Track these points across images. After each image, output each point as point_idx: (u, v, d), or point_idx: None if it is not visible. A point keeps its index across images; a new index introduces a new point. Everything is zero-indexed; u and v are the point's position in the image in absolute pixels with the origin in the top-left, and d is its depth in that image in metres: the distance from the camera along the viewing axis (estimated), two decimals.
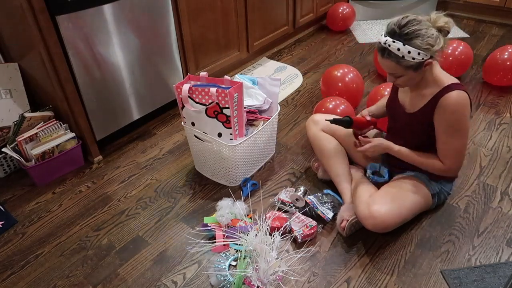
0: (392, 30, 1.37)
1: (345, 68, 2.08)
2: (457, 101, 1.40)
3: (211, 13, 2.49)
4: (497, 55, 2.54)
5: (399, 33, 1.35)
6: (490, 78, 2.60)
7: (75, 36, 1.82)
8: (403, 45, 1.34)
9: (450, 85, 1.43)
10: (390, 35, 1.37)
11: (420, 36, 1.33)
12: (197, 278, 1.51)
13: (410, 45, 1.34)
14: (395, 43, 1.35)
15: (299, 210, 1.72)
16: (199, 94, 1.71)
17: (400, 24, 1.35)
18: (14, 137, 1.95)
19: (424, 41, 1.34)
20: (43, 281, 1.54)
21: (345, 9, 3.49)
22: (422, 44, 1.34)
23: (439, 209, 1.74)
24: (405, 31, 1.34)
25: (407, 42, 1.34)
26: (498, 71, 2.52)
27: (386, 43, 1.37)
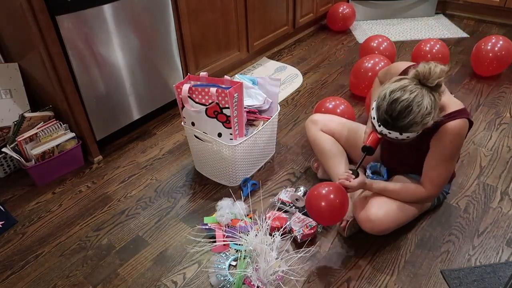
0: (385, 121, 1.32)
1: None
2: (458, 130, 1.38)
3: (211, 13, 2.49)
4: (481, 46, 2.63)
5: (392, 125, 1.31)
6: (479, 69, 2.68)
7: (75, 36, 1.82)
8: (400, 134, 1.32)
9: (454, 112, 1.39)
10: (384, 126, 1.33)
11: (415, 123, 1.28)
12: (197, 278, 1.51)
13: (407, 132, 1.31)
14: (392, 134, 1.33)
15: (299, 210, 1.72)
16: (199, 94, 1.71)
17: (391, 115, 1.29)
18: (14, 137, 1.95)
19: (420, 124, 1.29)
20: (43, 281, 1.54)
21: (345, 9, 3.49)
22: (419, 126, 1.29)
23: (439, 209, 1.74)
24: (399, 124, 1.29)
25: (404, 131, 1.31)
26: (484, 60, 2.62)
27: (383, 132, 1.35)
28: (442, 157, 1.44)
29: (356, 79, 2.51)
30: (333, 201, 1.43)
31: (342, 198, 1.45)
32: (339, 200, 1.44)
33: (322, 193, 1.45)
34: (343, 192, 1.46)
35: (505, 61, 2.61)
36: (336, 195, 1.44)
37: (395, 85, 1.32)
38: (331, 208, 1.44)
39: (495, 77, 2.71)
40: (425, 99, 1.27)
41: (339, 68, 2.97)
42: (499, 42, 2.59)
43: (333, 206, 1.43)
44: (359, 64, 2.50)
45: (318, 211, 1.46)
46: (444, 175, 1.48)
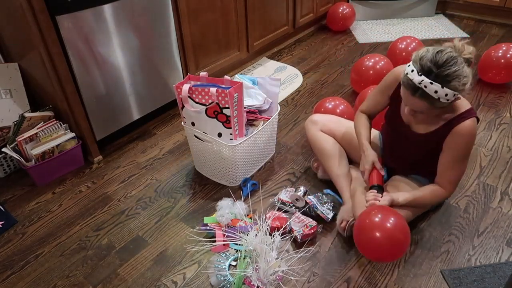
0: (429, 69, 1.26)
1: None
2: (471, 131, 1.39)
3: (211, 13, 2.49)
4: (491, 53, 2.57)
5: (436, 74, 1.25)
6: (485, 75, 2.63)
7: (75, 36, 1.82)
8: (441, 88, 1.26)
9: (464, 112, 1.40)
10: (426, 75, 1.27)
11: (459, 77, 1.26)
12: (197, 278, 1.51)
13: (448, 87, 1.26)
14: (433, 85, 1.26)
15: (299, 210, 1.72)
16: (199, 94, 1.71)
17: (437, 62, 1.26)
18: (14, 137, 1.95)
19: (461, 82, 1.27)
20: (43, 281, 1.54)
21: (345, 9, 3.49)
22: (459, 85, 1.27)
23: (439, 209, 1.74)
24: (444, 72, 1.25)
25: (446, 84, 1.26)
26: (492, 68, 2.56)
27: (422, 83, 1.27)
28: (458, 157, 1.45)
29: (358, 76, 2.53)
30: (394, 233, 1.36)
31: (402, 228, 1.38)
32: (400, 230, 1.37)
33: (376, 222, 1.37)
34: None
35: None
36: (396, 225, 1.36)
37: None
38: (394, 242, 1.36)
39: None
40: (465, 66, 1.28)
41: (339, 68, 2.97)
42: (510, 50, 2.51)
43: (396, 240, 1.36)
44: (360, 62, 2.52)
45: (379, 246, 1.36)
46: (461, 173, 1.51)
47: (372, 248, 1.39)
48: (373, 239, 1.36)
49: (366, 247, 1.41)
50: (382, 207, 1.44)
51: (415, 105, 1.35)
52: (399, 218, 1.39)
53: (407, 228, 1.40)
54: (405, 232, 1.38)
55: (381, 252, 1.38)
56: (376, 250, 1.38)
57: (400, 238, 1.36)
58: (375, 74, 2.41)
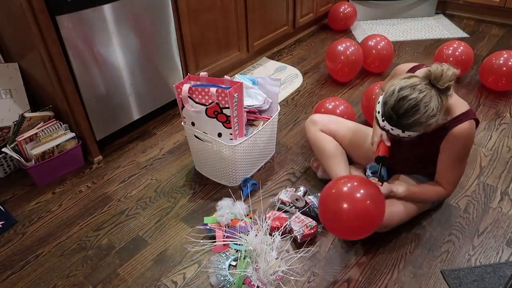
0: (389, 116, 1.31)
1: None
2: (468, 133, 1.40)
3: (211, 13, 2.49)
4: (492, 60, 2.50)
5: (396, 122, 1.30)
6: (486, 81, 2.58)
7: (75, 36, 1.82)
8: (402, 132, 1.32)
9: (461, 115, 1.40)
10: (388, 121, 1.32)
11: (420, 123, 1.28)
12: (197, 278, 1.51)
13: (410, 131, 1.31)
14: (394, 130, 1.33)
15: (299, 210, 1.71)
16: (199, 94, 1.71)
17: (398, 112, 1.28)
18: (14, 137, 1.95)
19: (424, 125, 1.29)
20: (43, 281, 1.54)
21: (346, 8, 3.50)
22: (422, 128, 1.30)
23: (439, 209, 1.74)
24: (404, 122, 1.28)
25: (406, 129, 1.30)
26: (492, 74, 2.51)
27: (385, 128, 1.35)
28: (455, 159, 1.46)
29: (333, 63, 2.67)
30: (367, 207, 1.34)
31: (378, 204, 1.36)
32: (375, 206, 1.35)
33: (355, 196, 1.35)
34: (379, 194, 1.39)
35: None
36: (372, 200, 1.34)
37: (405, 82, 1.30)
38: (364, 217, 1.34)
39: None
40: (432, 100, 1.26)
41: None
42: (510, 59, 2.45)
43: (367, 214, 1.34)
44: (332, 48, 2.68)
45: (345, 220, 1.34)
46: (460, 174, 1.53)
47: (336, 220, 1.35)
48: (338, 210, 1.33)
49: (330, 219, 1.36)
50: (353, 176, 1.45)
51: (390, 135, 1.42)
52: (370, 187, 1.35)
53: (380, 198, 1.37)
54: (376, 202, 1.34)
55: (347, 226, 1.33)
56: (340, 222, 1.33)
57: (369, 209, 1.32)
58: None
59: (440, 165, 1.51)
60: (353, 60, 2.64)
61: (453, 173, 1.51)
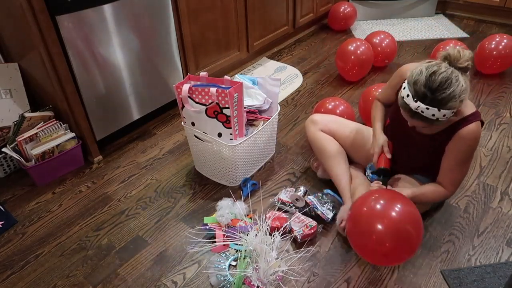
0: (423, 95, 1.27)
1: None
2: (475, 135, 1.39)
3: (211, 13, 2.49)
4: (485, 44, 2.66)
5: (431, 99, 1.26)
6: (483, 67, 2.71)
7: (75, 36, 1.82)
8: (438, 111, 1.27)
9: (469, 116, 1.40)
10: (421, 101, 1.28)
11: (455, 97, 1.25)
12: (197, 278, 1.51)
13: (445, 108, 1.27)
14: (429, 110, 1.27)
15: (299, 210, 1.72)
16: (199, 94, 1.71)
17: (431, 87, 1.25)
18: (14, 137, 1.95)
19: (458, 100, 1.27)
20: (43, 281, 1.54)
21: (346, 8, 3.50)
22: (456, 104, 1.27)
23: (439, 209, 1.74)
24: (439, 96, 1.25)
25: (442, 107, 1.26)
26: (488, 59, 2.65)
27: (419, 109, 1.29)
28: (460, 160, 1.45)
29: (343, 63, 2.70)
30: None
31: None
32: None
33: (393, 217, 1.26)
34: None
35: (509, 60, 2.65)
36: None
37: (428, 63, 1.31)
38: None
39: (495, 77, 2.72)
40: (460, 75, 1.27)
41: None
42: (503, 41, 2.62)
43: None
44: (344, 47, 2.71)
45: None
46: (463, 175, 1.51)
47: (372, 247, 1.24)
48: (373, 233, 1.23)
49: (364, 245, 1.25)
50: (385, 190, 1.42)
51: (415, 123, 1.39)
52: (408, 205, 1.27)
53: (418, 217, 1.29)
54: (416, 223, 1.24)
55: (384, 252, 1.20)
56: (377, 249, 1.21)
57: (409, 231, 1.22)
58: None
59: (444, 166, 1.50)
60: (364, 59, 2.67)
61: (456, 174, 1.50)
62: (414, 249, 1.20)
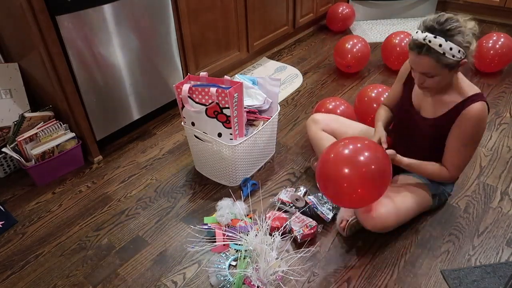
0: (431, 27, 1.30)
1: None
2: (480, 114, 1.39)
3: (211, 13, 2.49)
4: (483, 43, 2.69)
5: (439, 29, 1.29)
6: (480, 65, 2.74)
7: (75, 36, 1.82)
8: (445, 41, 1.28)
9: (473, 95, 1.40)
10: (429, 31, 1.30)
11: (461, 33, 1.29)
12: (197, 278, 1.51)
13: (452, 41, 1.28)
14: (437, 39, 1.28)
15: (299, 210, 1.72)
16: (199, 94, 1.71)
17: (439, 21, 1.30)
18: (14, 137, 1.95)
19: (465, 38, 1.30)
20: (43, 281, 1.54)
21: (344, 9, 3.49)
22: (463, 41, 1.29)
23: (439, 209, 1.74)
24: (447, 27, 1.29)
25: (449, 38, 1.28)
26: (486, 57, 2.67)
27: (426, 38, 1.29)
28: (465, 141, 1.44)
29: (340, 58, 2.78)
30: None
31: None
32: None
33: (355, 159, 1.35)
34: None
35: (507, 58, 2.67)
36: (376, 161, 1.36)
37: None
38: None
39: (495, 77, 2.72)
40: (467, 28, 1.31)
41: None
42: (500, 40, 2.65)
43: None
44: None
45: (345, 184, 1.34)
46: (467, 159, 1.50)
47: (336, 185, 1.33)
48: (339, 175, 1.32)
49: (331, 185, 1.33)
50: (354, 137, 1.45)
51: (422, 65, 1.34)
52: (375, 149, 1.35)
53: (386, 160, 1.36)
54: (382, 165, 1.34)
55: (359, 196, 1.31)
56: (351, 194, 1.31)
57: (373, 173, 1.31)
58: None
59: (448, 147, 1.48)
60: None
61: (459, 156, 1.48)
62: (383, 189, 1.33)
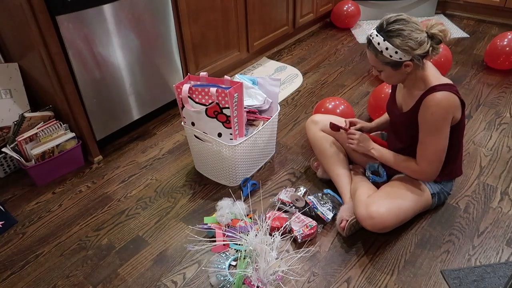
0: (380, 24, 1.39)
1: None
2: (439, 102, 1.39)
3: (211, 13, 2.49)
4: (497, 42, 2.72)
5: (383, 29, 1.37)
6: (494, 63, 2.78)
7: (75, 36, 1.82)
8: (383, 41, 1.37)
9: (435, 86, 1.42)
10: (377, 29, 1.40)
11: (401, 36, 1.34)
12: (197, 278, 1.51)
13: (389, 42, 1.36)
14: (377, 37, 1.38)
15: (299, 210, 1.72)
16: (199, 94, 1.71)
17: (389, 20, 1.37)
18: (14, 137, 1.95)
19: (404, 42, 1.35)
20: (43, 281, 1.54)
21: (350, 7, 3.53)
22: (401, 44, 1.35)
23: (439, 209, 1.74)
24: (389, 28, 1.36)
25: (387, 39, 1.36)
26: (500, 55, 2.70)
27: (371, 35, 1.41)
28: (426, 131, 1.45)
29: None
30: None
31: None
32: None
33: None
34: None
35: None
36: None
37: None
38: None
39: (495, 77, 2.72)
40: (420, 34, 1.35)
41: (339, 68, 2.97)
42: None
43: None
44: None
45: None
46: (434, 150, 1.47)
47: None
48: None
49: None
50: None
51: (369, 58, 1.47)
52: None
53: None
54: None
55: None
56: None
57: None
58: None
59: (418, 140, 1.51)
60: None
61: (426, 148, 1.48)
62: None
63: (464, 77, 2.74)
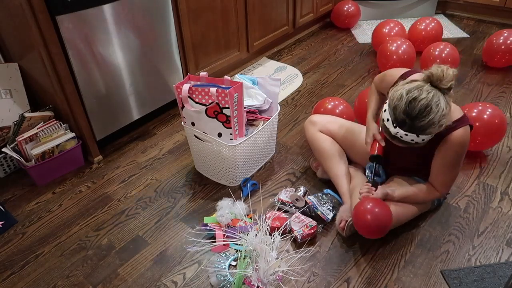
0: (403, 121, 1.29)
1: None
2: (463, 140, 1.40)
3: (211, 13, 2.49)
4: (493, 40, 2.75)
5: (410, 125, 1.28)
6: (491, 61, 2.79)
7: (75, 36, 1.82)
8: (417, 136, 1.30)
9: (456, 121, 1.40)
10: (400, 127, 1.30)
11: (434, 124, 1.27)
12: (197, 278, 1.51)
13: (424, 134, 1.29)
14: (408, 136, 1.31)
15: (299, 210, 1.71)
16: (199, 94, 1.71)
17: (411, 114, 1.27)
18: (14, 137, 1.95)
19: (437, 125, 1.28)
20: (43, 281, 1.54)
21: (350, 7, 3.53)
22: (435, 129, 1.29)
23: (439, 209, 1.74)
24: (418, 124, 1.27)
25: (421, 133, 1.29)
26: (496, 54, 2.73)
27: (397, 134, 1.32)
28: (449, 164, 1.47)
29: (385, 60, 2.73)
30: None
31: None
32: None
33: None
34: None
35: None
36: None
37: (410, 85, 1.30)
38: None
39: (495, 77, 2.72)
40: (441, 99, 1.26)
41: (339, 68, 2.97)
42: (511, 37, 2.71)
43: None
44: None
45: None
46: (453, 177, 1.53)
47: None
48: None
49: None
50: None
51: (398, 145, 1.40)
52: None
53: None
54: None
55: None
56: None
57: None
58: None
59: (434, 168, 1.52)
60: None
61: (446, 177, 1.52)
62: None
63: (464, 77, 2.74)
